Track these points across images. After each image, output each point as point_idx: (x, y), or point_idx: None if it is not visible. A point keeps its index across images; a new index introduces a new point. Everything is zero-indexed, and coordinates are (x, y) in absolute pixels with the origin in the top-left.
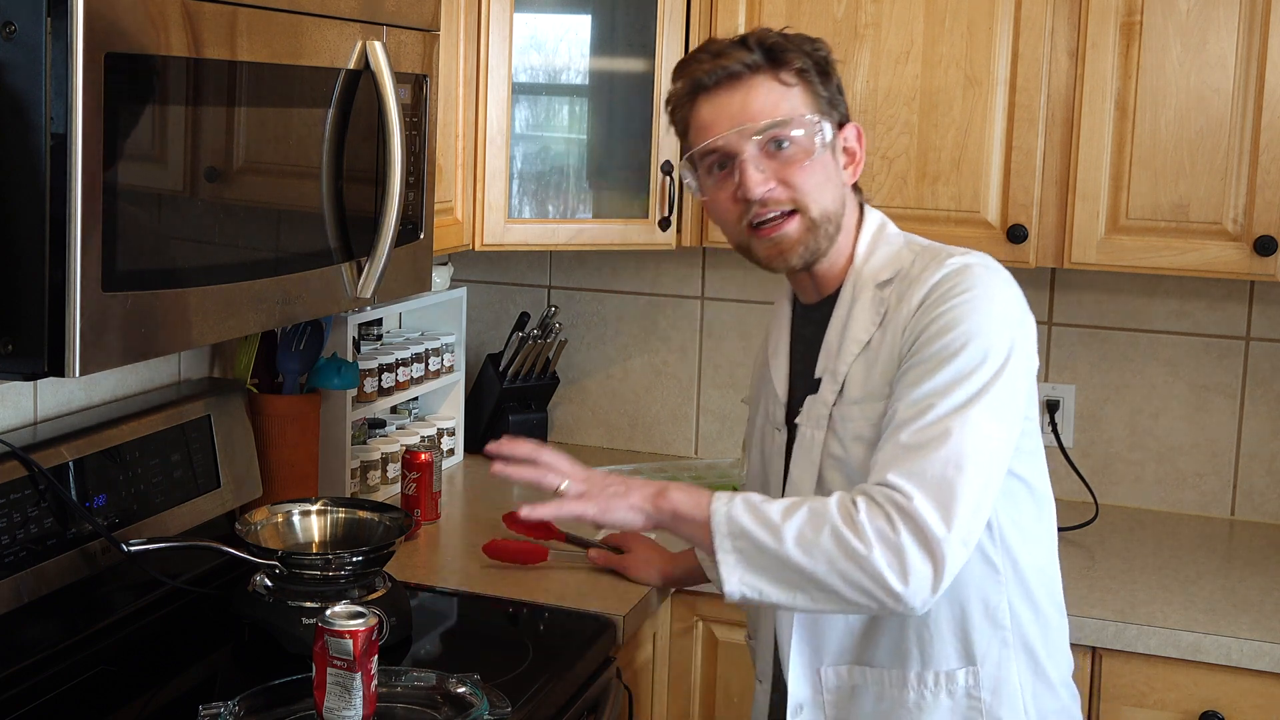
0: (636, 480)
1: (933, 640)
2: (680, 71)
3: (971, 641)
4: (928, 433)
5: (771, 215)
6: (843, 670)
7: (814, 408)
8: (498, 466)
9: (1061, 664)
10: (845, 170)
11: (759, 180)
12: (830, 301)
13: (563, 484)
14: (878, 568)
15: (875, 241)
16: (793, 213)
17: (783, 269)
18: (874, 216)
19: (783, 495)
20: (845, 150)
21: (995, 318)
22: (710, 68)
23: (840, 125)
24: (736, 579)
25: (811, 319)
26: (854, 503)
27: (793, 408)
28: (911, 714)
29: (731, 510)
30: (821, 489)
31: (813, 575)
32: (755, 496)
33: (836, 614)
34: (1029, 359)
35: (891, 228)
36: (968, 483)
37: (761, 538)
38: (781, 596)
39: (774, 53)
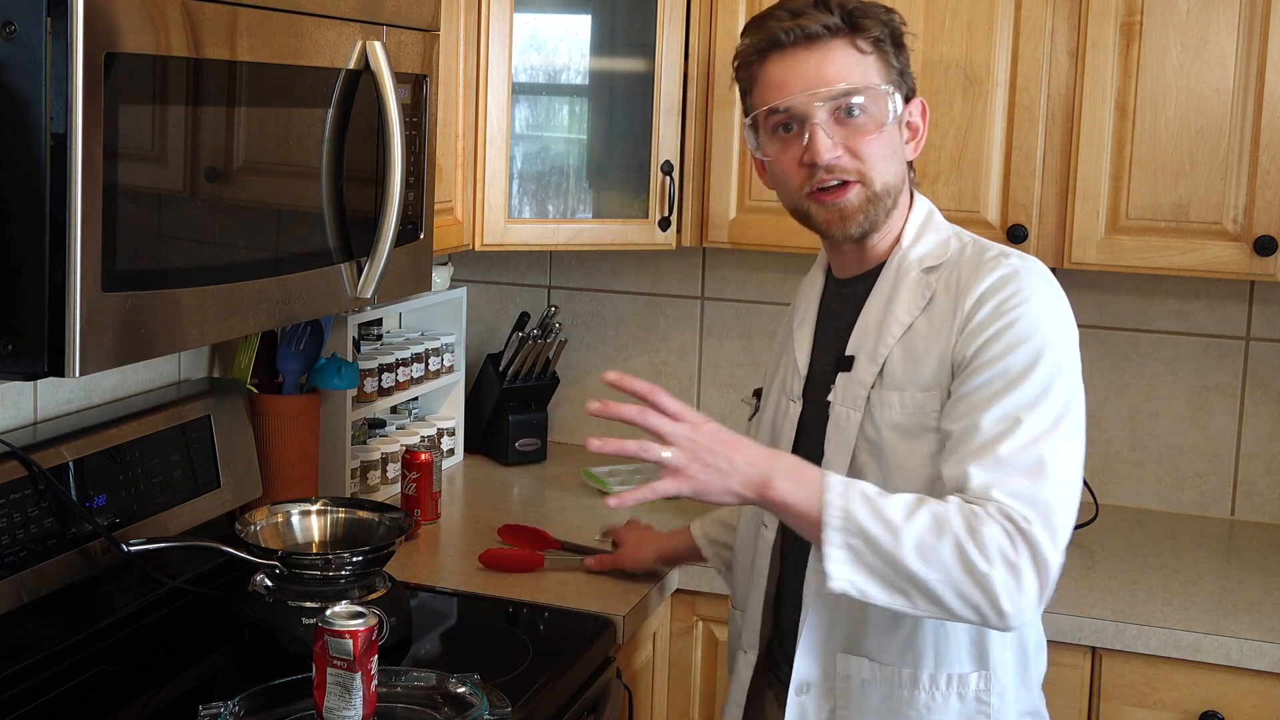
0: (743, 452)
1: (949, 642)
2: (754, 27)
3: (986, 645)
4: (1028, 454)
5: (833, 182)
6: (855, 661)
7: (850, 388)
8: (597, 444)
9: (1041, 666)
10: (908, 145)
11: (829, 146)
12: (866, 279)
13: (665, 453)
14: (995, 587)
15: (924, 227)
16: (855, 182)
17: (840, 236)
18: (923, 202)
19: None
20: (909, 125)
21: (1059, 329)
22: (789, 26)
23: (908, 99)
24: (844, 576)
25: (844, 294)
26: (975, 514)
27: (813, 380)
28: (920, 714)
29: (849, 505)
30: (854, 470)
31: (924, 583)
32: (871, 488)
33: (923, 617)
34: (1080, 367)
35: (939, 216)
36: (1068, 509)
37: (879, 538)
38: (882, 597)
39: (853, 18)
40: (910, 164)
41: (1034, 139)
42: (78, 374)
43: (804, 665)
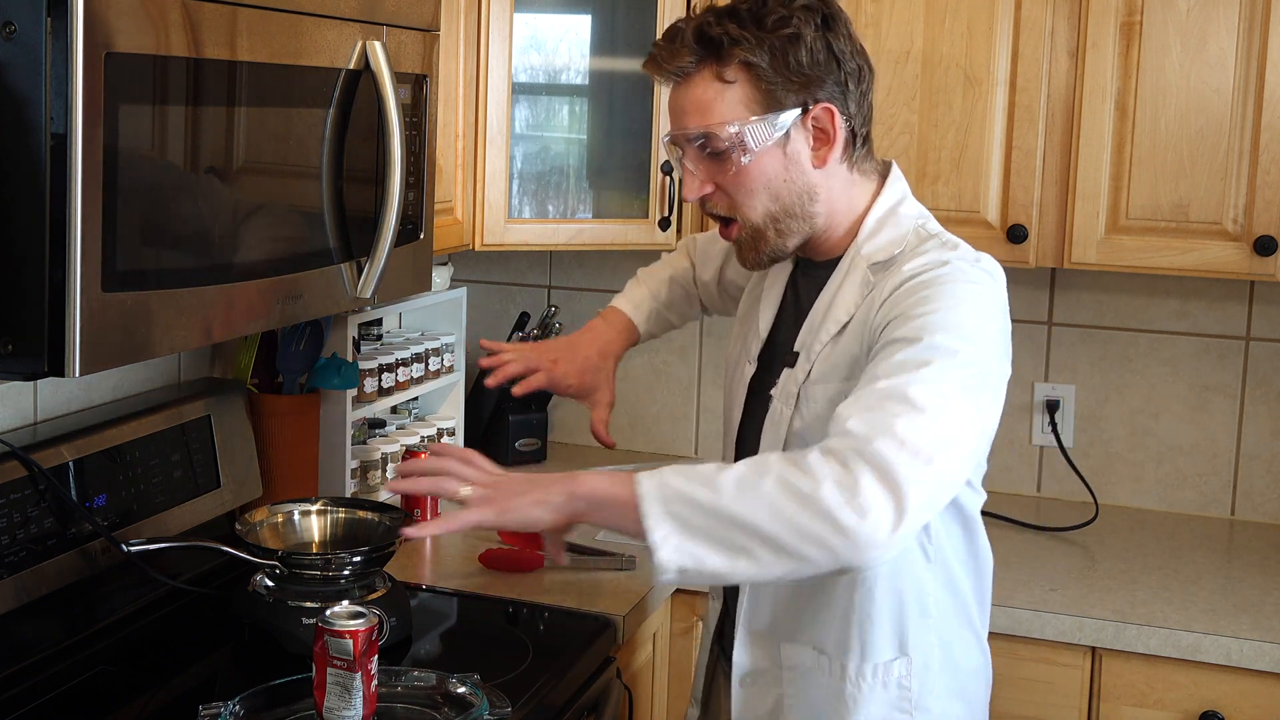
0: (546, 475)
1: (873, 630)
2: (646, 60)
3: (906, 632)
4: (897, 392)
5: (721, 215)
6: (800, 650)
7: (787, 384)
8: (391, 484)
9: (971, 649)
10: (816, 153)
11: (694, 187)
12: (829, 265)
13: (464, 490)
14: (826, 504)
15: (884, 220)
16: (734, 220)
17: (752, 269)
18: (891, 194)
19: (739, 435)
20: (817, 131)
21: (979, 307)
22: (658, 67)
23: (807, 108)
24: (672, 547)
25: (808, 274)
26: (803, 452)
27: (769, 347)
28: (847, 706)
29: (661, 476)
30: None
31: (755, 528)
32: (684, 465)
33: (784, 582)
34: (1004, 357)
35: (907, 208)
36: (945, 441)
37: (696, 493)
38: (722, 563)
39: (717, 46)
40: (869, 154)
41: (1034, 139)
42: (78, 374)
43: (744, 655)
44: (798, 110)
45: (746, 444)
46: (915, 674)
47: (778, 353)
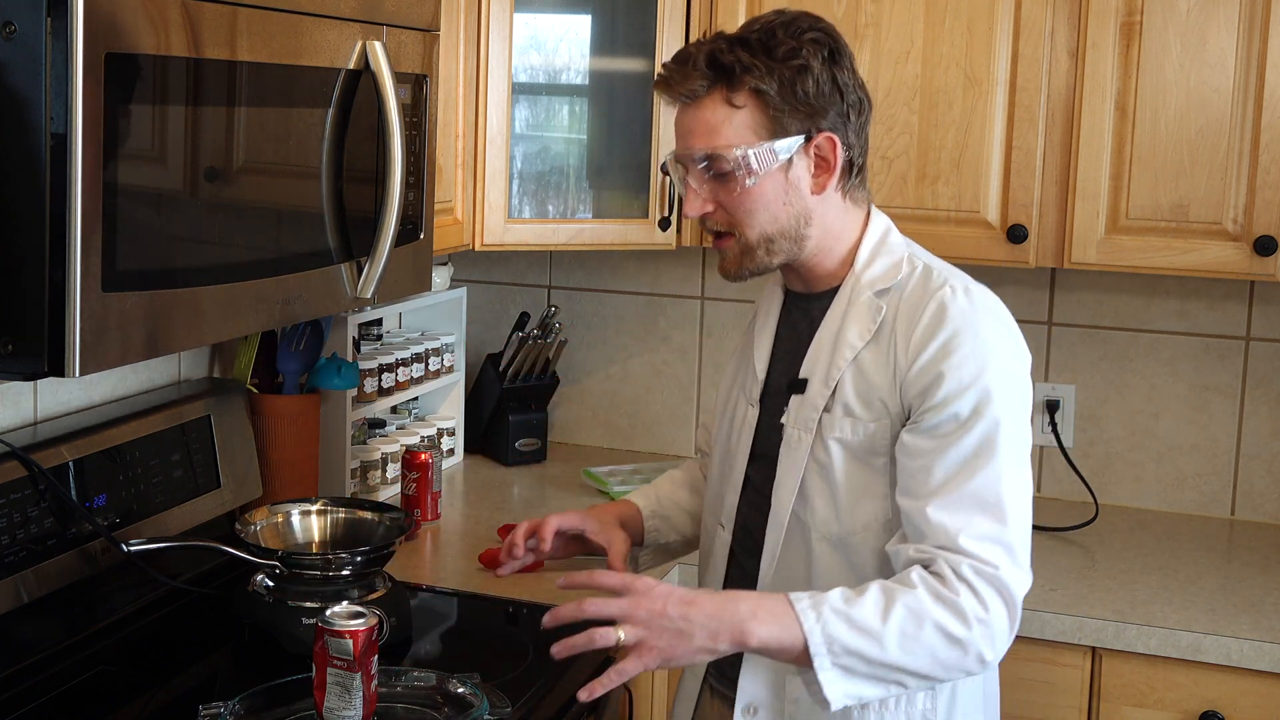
0: (700, 607)
1: None
2: (656, 80)
3: None
4: (986, 496)
5: (718, 230)
6: (805, 683)
7: (803, 410)
8: (555, 649)
9: (995, 705)
10: (815, 179)
11: (695, 205)
12: (823, 297)
13: (619, 634)
14: (979, 650)
15: (877, 249)
16: (730, 235)
17: (732, 280)
18: (879, 224)
19: (747, 478)
20: (818, 161)
21: (1004, 364)
22: (669, 89)
23: (811, 136)
24: (840, 691)
25: (801, 307)
26: (942, 581)
27: (768, 390)
28: None
29: (828, 629)
30: (803, 491)
31: (914, 670)
32: (838, 599)
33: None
34: (1027, 397)
35: (895, 236)
36: (1026, 541)
37: (866, 650)
38: (878, 692)
39: (728, 73)
40: (862, 184)
41: (1034, 139)
42: (78, 374)
43: (749, 685)
44: (801, 138)
45: (752, 484)
46: (940, 705)
47: (772, 390)
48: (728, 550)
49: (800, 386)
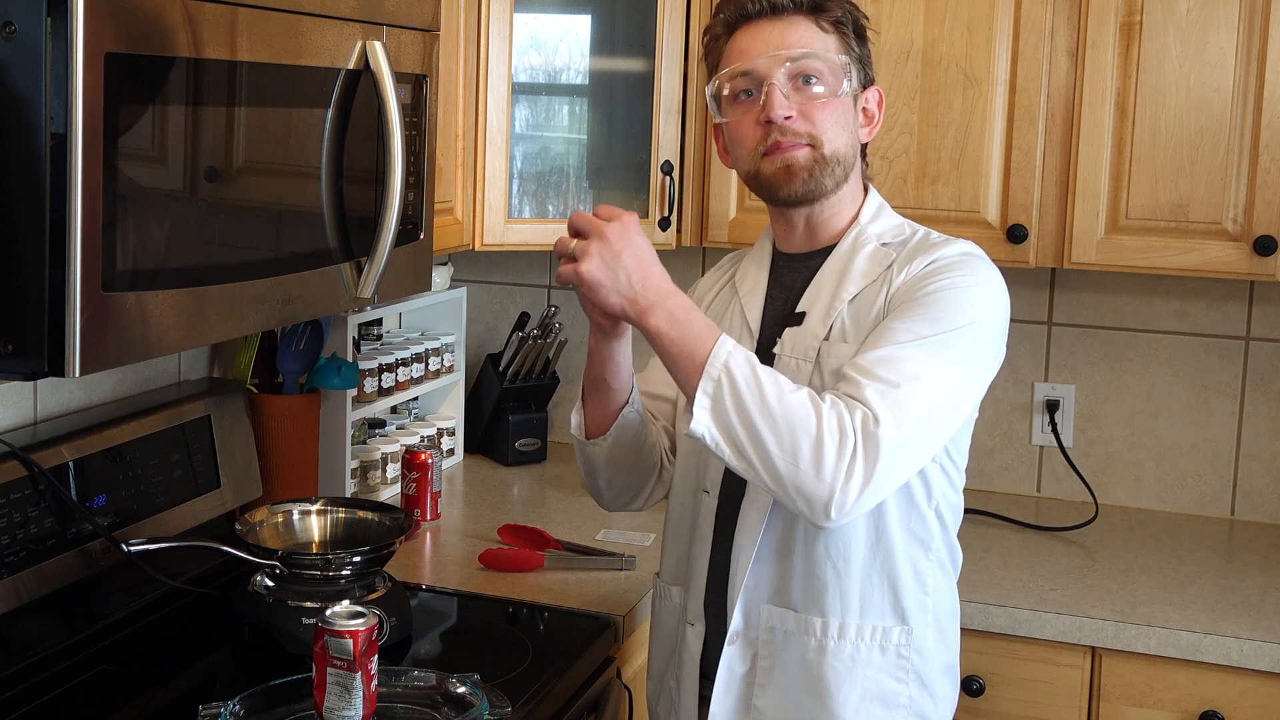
0: (642, 272)
1: (872, 595)
2: (726, 2)
3: (903, 603)
4: (909, 365)
5: (794, 139)
6: (780, 612)
7: (800, 340)
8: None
9: (955, 627)
10: (864, 129)
11: (783, 104)
12: (820, 254)
13: (574, 242)
14: (823, 461)
15: (879, 211)
16: (805, 144)
17: (786, 194)
18: (876, 196)
19: None
20: (865, 111)
21: (989, 299)
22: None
23: (865, 86)
24: (704, 422)
25: (795, 268)
26: (838, 396)
27: (762, 344)
28: (846, 665)
29: (730, 369)
30: None
31: (759, 442)
32: (754, 358)
33: (760, 488)
34: (1001, 348)
35: (890, 209)
36: (918, 421)
37: (745, 395)
38: (729, 454)
39: (816, 3)
40: (864, 156)
41: (1034, 139)
42: (78, 374)
43: (738, 618)
44: (862, 82)
45: None
46: (914, 644)
47: (764, 346)
48: (714, 518)
49: (797, 320)
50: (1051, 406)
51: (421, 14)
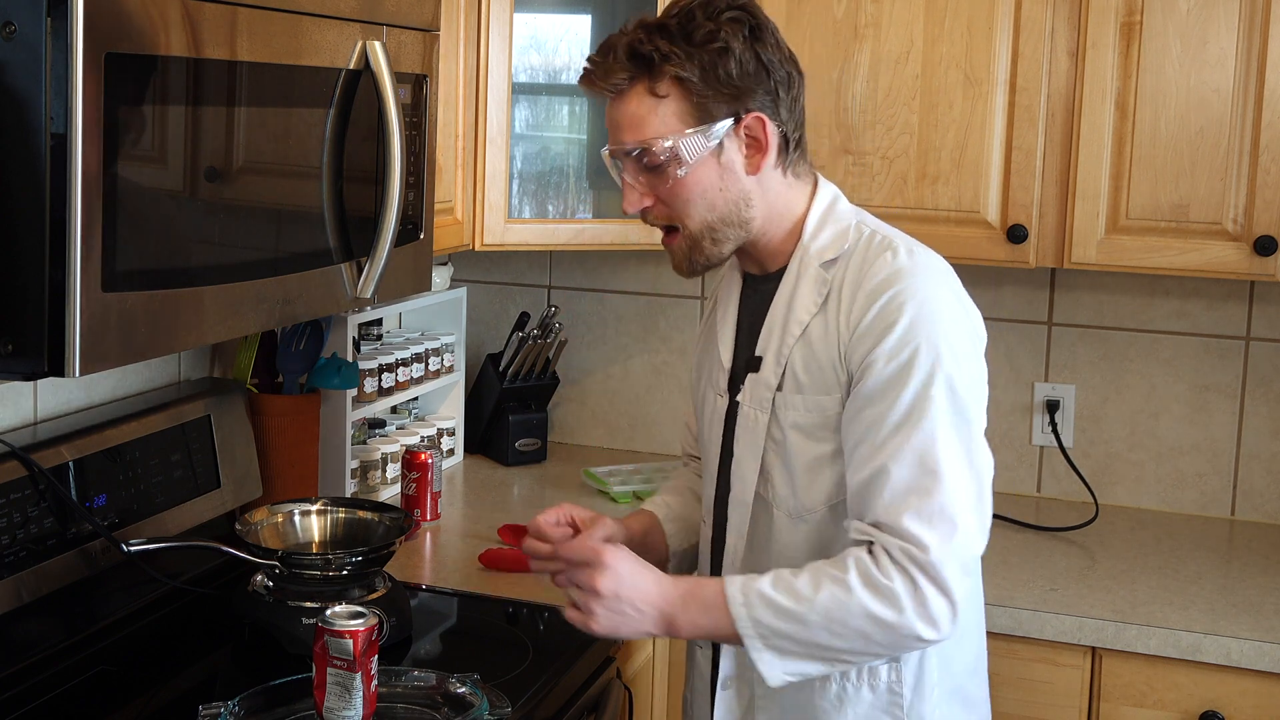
0: (638, 590)
1: None
2: (580, 76)
3: None
4: (920, 468)
5: (661, 225)
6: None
7: (756, 389)
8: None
9: (970, 647)
10: (749, 160)
11: (633, 199)
12: (776, 276)
13: (568, 611)
14: (915, 630)
15: (824, 219)
16: (675, 229)
17: (686, 276)
18: (825, 194)
19: (720, 467)
20: (750, 142)
21: (943, 327)
22: (592, 84)
23: (739, 117)
24: (780, 672)
25: (758, 290)
26: (877, 564)
27: (735, 377)
28: (834, 705)
29: (753, 612)
30: (764, 470)
31: (849, 650)
32: (767, 584)
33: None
34: (979, 363)
35: (843, 204)
36: (968, 508)
37: (794, 633)
38: (822, 669)
39: (649, 63)
40: (797, 146)
41: (1034, 139)
42: (78, 374)
43: (729, 660)
44: (730, 121)
45: (729, 471)
46: (905, 679)
47: (738, 376)
48: (709, 548)
49: (756, 365)
50: (1052, 406)
51: (421, 14)
